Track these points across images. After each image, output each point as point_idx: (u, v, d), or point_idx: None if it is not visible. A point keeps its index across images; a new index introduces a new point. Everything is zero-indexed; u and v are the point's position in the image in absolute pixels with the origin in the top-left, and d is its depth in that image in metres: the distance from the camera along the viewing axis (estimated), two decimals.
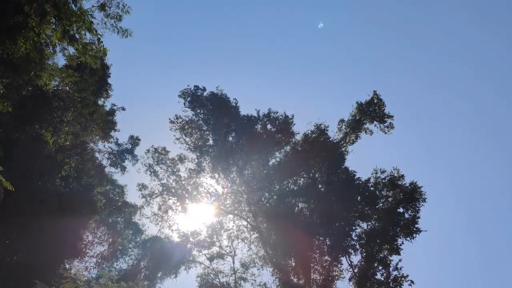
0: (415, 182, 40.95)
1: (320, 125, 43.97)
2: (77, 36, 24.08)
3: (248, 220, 42.84)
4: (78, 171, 29.09)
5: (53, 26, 22.71)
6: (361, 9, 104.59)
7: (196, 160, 42.95)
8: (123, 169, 39.93)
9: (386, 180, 41.63)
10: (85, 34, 24.90)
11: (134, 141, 40.16)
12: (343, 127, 45.25)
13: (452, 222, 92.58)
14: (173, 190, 42.86)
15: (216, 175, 42.87)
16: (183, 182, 43.16)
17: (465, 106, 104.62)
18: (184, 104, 42.20)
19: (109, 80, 42.20)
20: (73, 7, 21.96)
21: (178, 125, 42.54)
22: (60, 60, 27.89)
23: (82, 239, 31.11)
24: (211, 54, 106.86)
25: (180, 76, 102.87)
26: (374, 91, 44.89)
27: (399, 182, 41.27)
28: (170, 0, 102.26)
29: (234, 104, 42.54)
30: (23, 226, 25.98)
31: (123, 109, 35.16)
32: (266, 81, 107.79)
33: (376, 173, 42.18)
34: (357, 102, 45.06)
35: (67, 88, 27.52)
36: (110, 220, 49.37)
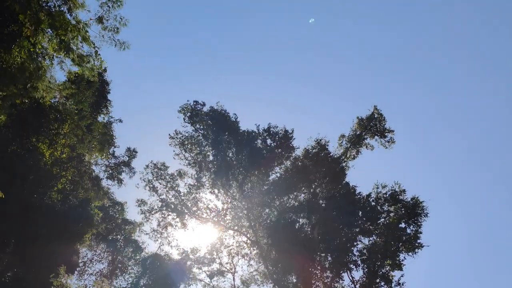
0: (417, 197, 40.57)
1: (320, 140, 43.88)
2: (73, 47, 24.19)
3: (248, 235, 42.41)
4: (74, 184, 28.96)
5: (49, 37, 22.91)
6: (363, 23, 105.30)
7: (196, 176, 42.75)
8: (120, 182, 39.74)
9: (387, 195, 41.29)
10: (82, 46, 25.13)
11: (131, 153, 40.05)
12: (344, 142, 45.12)
13: (454, 236, 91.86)
14: (172, 206, 42.56)
15: (216, 191, 42.60)
16: (183, 198, 42.89)
17: (466, 119, 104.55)
18: (184, 119, 42.19)
19: (109, 96, 42.50)
20: (68, 16, 22.14)
21: (178, 140, 42.48)
22: (57, 73, 27.95)
23: (78, 253, 30.79)
24: (211, 67, 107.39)
25: (179, 89, 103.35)
26: (375, 106, 44.86)
27: (401, 197, 40.93)
28: (170, 14, 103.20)
29: (234, 119, 42.49)
30: (17, 240, 25.73)
31: (120, 121, 35.20)
32: (266, 96, 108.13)
33: (377, 188, 41.86)
34: (357, 117, 45.03)
35: (64, 100, 27.55)
36: (110, 238, 49.13)
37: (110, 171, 38.24)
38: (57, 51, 24.18)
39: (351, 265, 39.76)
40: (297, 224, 42.12)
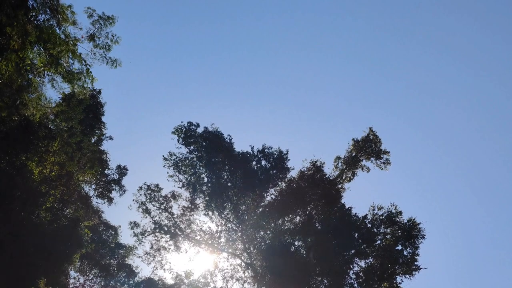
0: (413, 219, 40.17)
1: (316, 162, 43.60)
2: (63, 63, 24.09)
3: (243, 258, 41.72)
4: (63, 203, 28.53)
5: (38, 51, 22.84)
6: (357, 44, 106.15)
7: (190, 198, 42.28)
8: (110, 200, 39.18)
9: (383, 217, 40.84)
10: (72, 63, 25.05)
11: (122, 171, 39.59)
12: (340, 164, 44.76)
13: (452, 258, 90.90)
14: (165, 228, 41.98)
15: (210, 213, 42.07)
16: (176, 220, 42.35)
17: (462, 141, 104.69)
18: (178, 140, 41.96)
19: (103, 118, 42.30)
20: (57, 30, 22.10)
21: (172, 162, 42.17)
22: (48, 91, 27.81)
23: (66, 274, 30.13)
24: (205, 88, 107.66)
25: (173, 107, 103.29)
26: (370, 128, 44.70)
27: (397, 219, 40.49)
28: (164, 33, 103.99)
29: (229, 141, 42.28)
30: (3, 258, 25.17)
31: (111, 138, 34.94)
32: (261, 116, 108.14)
33: (374, 209, 41.43)
34: (353, 139, 44.84)
35: (53, 117, 27.38)
36: (103, 263, 48.34)
37: (100, 190, 37.76)
38: (47, 66, 24.16)
39: None
40: (293, 246, 41.53)
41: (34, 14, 21.30)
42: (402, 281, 38.09)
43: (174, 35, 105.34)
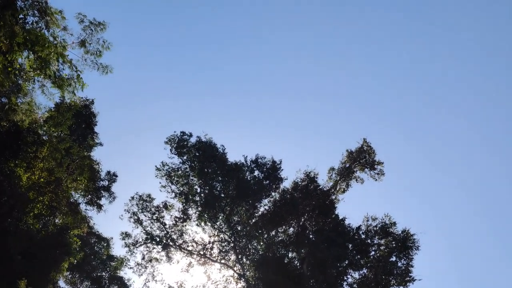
0: (408, 230, 39.90)
1: (309, 173, 43.35)
2: (53, 68, 23.90)
3: (235, 269, 41.19)
4: (51, 209, 28.17)
5: (27, 55, 22.68)
6: (352, 54, 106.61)
7: (182, 208, 41.89)
8: (100, 207, 38.67)
9: (377, 228, 40.55)
10: (63, 69, 24.89)
11: (111, 177, 39.20)
12: (334, 175, 44.48)
13: (447, 269, 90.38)
14: (157, 239, 41.51)
15: (203, 223, 41.68)
16: (168, 230, 41.90)
17: (456, 151, 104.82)
18: (171, 150, 41.72)
19: (96, 129, 42.05)
20: (46, 32, 21.96)
21: (164, 172, 41.85)
22: (38, 97, 27.52)
23: (54, 282, 29.59)
24: (197, 97, 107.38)
25: (167, 116, 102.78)
26: (364, 139, 44.53)
27: (391, 230, 40.21)
28: (156, 41, 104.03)
29: (222, 151, 42.03)
30: None
31: (101, 144, 34.61)
32: (255, 126, 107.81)
33: (368, 220, 41.16)
34: (347, 150, 44.62)
35: (42, 122, 27.14)
36: (94, 275, 47.78)
37: (89, 196, 37.28)
38: (36, 71, 24.00)
39: None
40: (286, 258, 41.11)
41: (22, 16, 21.18)
42: None
43: (166, 43, 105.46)
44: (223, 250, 41.77)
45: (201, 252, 41.86)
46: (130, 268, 43.07)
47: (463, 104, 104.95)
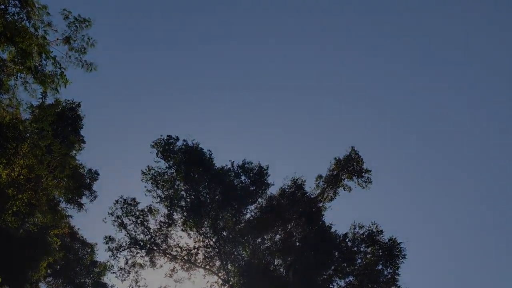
0: (394, 238, 39.79)
1: (297, 180, 43.09)
2: (35, 62, 23.63)
3: (220, 275, 40.65)
4: (30, 207, 27.62)
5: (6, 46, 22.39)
6: (340, 60, 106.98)
7: (167, 212, 41.40)
8: (80, 206, 38.05)
9: (364, 236, 40.32)
10: (46, 65, 24.58)
11: (93, 175, 38.66)
12: (321, 183, 44.19)
13: (434, 278, 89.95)
14: (141, 243, 40.92)
15: (188, 228, 41.17)
16: (153, 235, 41.34)
17: (445, 158, 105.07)
18: (157, 154, 41.28)
19: (82, 132, 41.61)
20: (27, 23, 21.71)
21: (150, 176, 41.37)
22: (20, 94, 27.14)
23: (32, 282, 28.93)
24: (185, 100, 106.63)
25: (153, 119, 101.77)
26: (352, 147, 44.28)
27: (378, 238, 40.03)
28: (144, 42, 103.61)
29: (209, 156, 41.65)
30: None
31: (83, 141, 34.09)
32: (242, 131, 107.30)
33: (354, 228, 40.93)
34: (335, 158, 44.34)
35: (23, 118, 26.76)
36: (77, 281, 47.01)
37: (69, 195, 36.62)
38: (17, 65, 23.70)
39: None
40: (271, 265, 40.67)
41: (3, 6, 20.94)
42: None
43: (156, 45, 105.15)
44: (208, 256, 41.24)
45: (186, 258, 41.30)
46: (113, 273, 42.33)
47: (454, 110, 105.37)
